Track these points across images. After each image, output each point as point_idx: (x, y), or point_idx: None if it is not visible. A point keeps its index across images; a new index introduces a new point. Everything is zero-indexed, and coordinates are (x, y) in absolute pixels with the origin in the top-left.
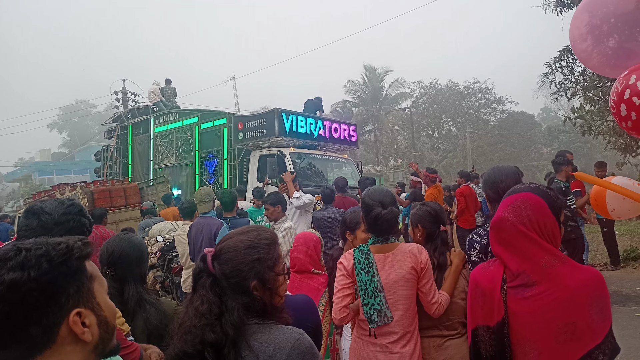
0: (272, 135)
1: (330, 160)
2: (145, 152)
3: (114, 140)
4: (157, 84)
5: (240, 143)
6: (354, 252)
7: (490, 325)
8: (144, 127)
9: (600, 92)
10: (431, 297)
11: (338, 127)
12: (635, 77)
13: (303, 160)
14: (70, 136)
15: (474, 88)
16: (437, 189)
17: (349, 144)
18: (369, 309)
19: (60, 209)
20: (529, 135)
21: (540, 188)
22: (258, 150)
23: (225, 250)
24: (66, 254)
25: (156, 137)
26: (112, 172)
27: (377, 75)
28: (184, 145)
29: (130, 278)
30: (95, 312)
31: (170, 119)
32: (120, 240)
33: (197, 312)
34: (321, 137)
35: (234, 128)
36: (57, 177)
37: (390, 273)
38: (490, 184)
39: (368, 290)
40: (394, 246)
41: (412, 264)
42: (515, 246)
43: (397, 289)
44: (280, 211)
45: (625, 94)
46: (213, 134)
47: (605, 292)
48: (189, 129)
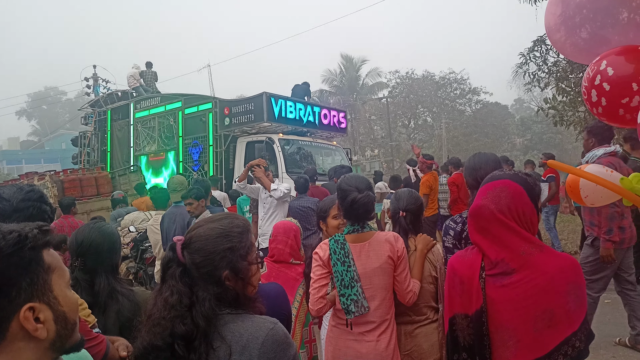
0: (260, 120)
1: (319, 147)
2: (125, 138)
3: (91, 127)
4: (136, 67)
5: (227, 129)
6: (329, 242)
7: (468, 314)
8: (124, 113)
9: (572, 83)
10: (406, 286)
11: (327, 114)
12: (606, 63)
13: (292, 147)
14: (40, 124)
15: (450, 78)
16: (433, 175)
17: (338, 131)
18: (345, 300)
19: (19, 195)
20: (503, 125)
21: (519, 175)
22: (245, 136)
23: (195, 239)
24: (17, 244)
25: (137, 122)
26: (89, 159)
27: (354, 64)
28: (167, 131)
29: (101, 269)
30: (51, 307)
31: (152, 103)
32: (90, 230)
33: (166, 303)
34: (310, 124)
35: (220, 113)
36: (26, 166)
37: (366, 263)
38: (469, 170)
39: (344, 280)
40: (370, 235)
41: (389, 253)
42: (494, 234)
43: (374, 279)
44: (203, 205)
45: (596, 79)
46: (198, 119)
47: (581, 279)
48: (172, 114)
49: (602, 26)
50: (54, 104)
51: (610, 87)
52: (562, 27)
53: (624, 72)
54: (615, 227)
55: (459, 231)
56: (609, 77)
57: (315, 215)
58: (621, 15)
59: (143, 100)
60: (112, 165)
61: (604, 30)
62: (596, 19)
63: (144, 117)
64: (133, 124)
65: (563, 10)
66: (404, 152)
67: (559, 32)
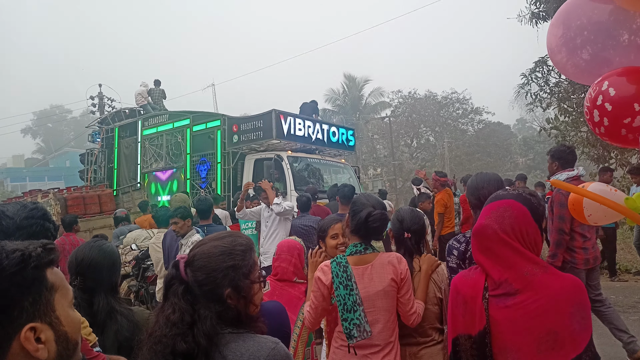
0: (269, 137)
1: (328, 164)
2: (133, 155)
3: (98, 144)
4: (144, 85)
5: (235, 146)
6: (331, 264)
7: (471, 335)
8: (132, 130)
9: (574, 104)
10: (410, 307)
11: (336, 131)
12: (607, 84)
13: (300, 164)
14: (45, 142)
15: (452, 98)
16: (447, 193)
17: (346, 149)
18: (348, 324)
19: (23, 213)
20: (505, 145)
21: (523, 195)
22: (253, 153)
23: (198, 257)
24: (20, 264)
25: (144, 140)
26: (96, 176)
27: (356, 84)
28: (175, 148)
29: (100, 288)
30: (53, 327)
31: (160, 121)
32: (90, 248)
33: (168, 321)
34: (319, 141)
35: (229, 130)
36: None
37: (369, 286)
38: (472, 189)
39: (347, 304)
40: (373, 257)
41: (392, 275)
42: (498, 254)
43: (377, 302)
44: (189, 225)
45: (598, 100)
46: (206, 136)
47: (586, 300)
48: (180, 132)
49: (603, 48)
50: (59, 122)
51: (612, 107)
52: (563, 49)
53: (625, 92)
54: (559, 252)
55: (462, 251)
56: (611, 98)
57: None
58: (622, 37)
59: (151, 117)
60: (118, 183)
61: (605, 52)
62: (597, 41)
63: (152, 134)
64: (141, 141)
65: (564, 32)
66: (406, 171)
67: (561, 54)
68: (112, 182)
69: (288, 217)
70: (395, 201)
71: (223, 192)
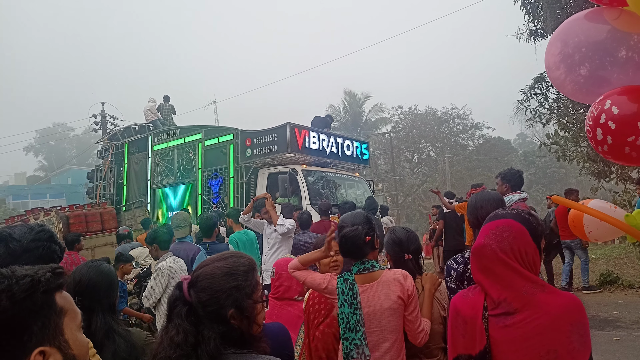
0: (284, 151)
1: (343, 178)
2: (143, 171)
3: (107, 160)
4: (153, 101)
5: (248, 160)
6: (337, 280)
7: (472, 355)
8: (142, 146)
9: (573, 119)
10: (418, 325)
11: (350, 145)
12: (610, 102)
13: (315, 178)
14: (47, 159)
15: (452, 114)
16: None
17: (361, 162)
18: (349, 344)
19: (30, 236)
20: (506, 160)
21: (521, 215)
22: (266, 168)
23: (202, 278)
24: (30, 289)
25: (155, 155)
26: (105, 193)
27: (357, 100)
28: (186, 163)
29: (98, 308)
30: (62, 351)
31: (170, 136)
32: (88, 269)
33: (172, 343)
34: (333, 155)
35: (242, 144)
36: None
37: (375, 303)
38: (470, 209)
39: (350, 323)
40: (379, 274)
41: (399, 292)
42: (496, 274)
43: (384, 320)
44: (157, 249)
45: (601, 118)
46: (218, 151)
47: (584, 318)
48: (191, 146)
49: (602, 65)
50: (62, 139)
51: (615, 125)
52: (561, 65)
53: (629, 110)
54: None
55: (461, 272)
56: (614, 116)
57: None
58: (619, 54)
59: (162, 132)
60: (127, 199)
61: (603, 69)
62: (595, 58)
63: (163, 149)
64: (151, 157)
65: (562, 49)
66: (407, 187)
67: (559, 70)
68: (121, 198)
69: (290, 235)
70: (397, 217)
71: (237, 206)
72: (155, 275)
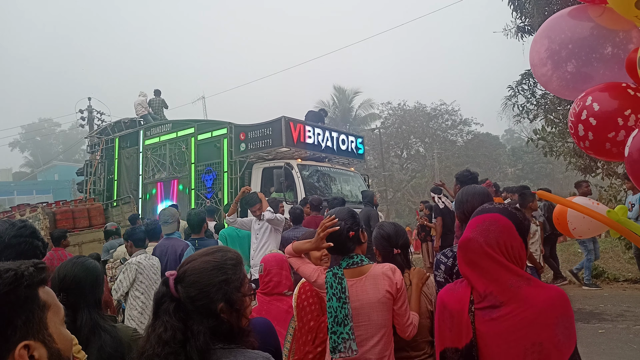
0: (279, 145)
1: (338, 173)
2: (134, 166)
3: (97, 155)
4: (143, 95)
5: (243, 154)
6: (326, 275)
7: (458, 348)
8: (133, 140)
9: (560, 115)
10: (406, 319)
11: (345, 139)
12: (591, 99)
13: (311, 173)
14: (33, 155)
15: (441, 110)
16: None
17: (356, 157)
18: (336, 338)
19: (11, 231)
20: (494, 155)
21: (508, 209)
22: (261, 162)
23: (190, 273)
24: (13, 283)
25: (146, 150)
26: (95, 188)
27: (346, 96)
28: (178, 158)
29: (83, 304)
30: (46, 345)
31: (162, 130)
32: (73, 265)
33: (160, 340)
34: (328, 149)
35: (235, 138)
36: (18, 197)
37: (364, 297)
38: (457, 204)
39: (338, 317)
40: (367, 268)
41: (387, 287)
42: (482, 267)
43: (372, 314)
44: (132, 246)
45: (582, 114)
46: (212, 145)
47: (569, 310)
48: (184, 141)
49: (588, 61)
50: (48, 135)
51: (596, 121)
52: (548, 62)
53: (609, 107)
54: None
55: (449, 266)
56: (595, 112)
57: None
58: (605, 50)
59: (153, 127)
60: (118, 194)
61: (588, 68)
62: (581, 54)
63: (154, 144)
64: (142, 151)
65: (549, 46)
66: (396, 182)
67: (546, 67)
68: (111, 193)
69: (278, 229)
70: (386, 212)
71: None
72: (124, 269)
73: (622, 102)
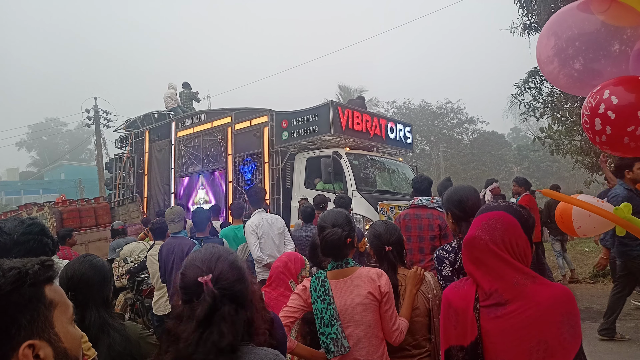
0: (326, 132)
1: (387, 163)
2: (166, 159)
3: (127, 149)
4: (172, 87)
5: (285, 143)
6: (311, 279)
7: (463, 346)
8: (164, 133)
9: (567, 113)
10: (392, 324)
11: (394, 127)
12: (609, 92)
13: (360, 162)
14: (40, 155)
15: (446, 108)
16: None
17: (404, 147)
18: (325, 339)
19: (20, 229)
20: (500, 154)
21: (513, 207)
22: (304, 152)
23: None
24: (17, 282)
25: (179, 142)
26: (125, 183)
27: (351, 94)
28: (214, 149)
29: (92, 303)
30: (52, 344)
31: (196, 121)
32: (81, 263)
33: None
34: (377, 137)
35: (277, 127)
36: (25, 196)
37: (347, 299)
38: (455, 202)
39: (324, 319)
40: (352, 271)
41: (370, 289)
42: (488, 265)
43: (356, 315)
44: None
45: (599, 108)
46: (250, 134)
47: (575, 309)
48: (219, 131)
49: (595, 58)
50: (54, 135)
51: (615, 115)
52: (555, 59)
53: (628, 100)
54: None
55: (452, 260)
56: (614, 106)
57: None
58: (613, 47)
59: (186, 118)
60: (149, 189)
61: (597, 62)
62: (589, 51)
63: (187, 135)
64: (174, 144)
65: (556, 43)
66: None
67: (553, 64)
68: (141, 189)
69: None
70: None
71: (272, 194)
72: None
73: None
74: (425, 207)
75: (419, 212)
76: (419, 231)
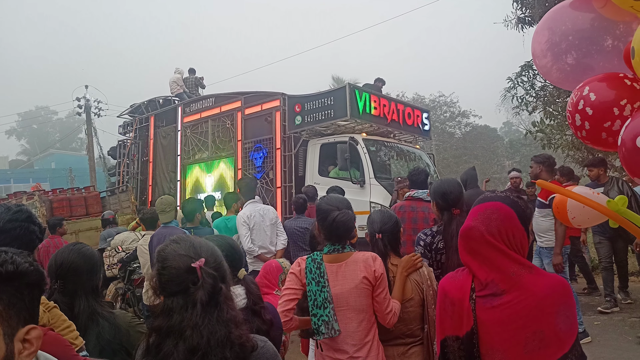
0: (342, 116)
1: (404, 150)
2: (172, 146)
3: (131, 136)
4: (179, 72)
5: (298, 128)
6: (306, 259)
7: (459, 336)
8: (170, 118)
9: (559, 107)
10: (386, 306)
11: (411, 113)
12: (588, 89)
13: (378, 149)
14: (30, 143)
15: (440, 101)
16: None
17: (421, 134)
18: (317, 320)
19: (6, 216)
20: (492, 148)
21: (510, 198)
22: (317, 138)
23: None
24: None
25: (185, 128)
26: (129, 170)
27: None
28: (222, 135)
29: (81, 291)
30: None
31: (204, 106)
32: (70, 252)
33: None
34: (394, 123)
35: (290, 111)
36: (15, 185)
37: (342, 283)
38: (440, 194)
39: (317, 300)
40: (348, 255)
41: (365, 273)
42: (484, 256)
43: (350, 300)
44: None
45: (579, 104)
46: (262, 119)
47: (571, 299)
48: (228, 116)
49: (588, 53)
50: (45, 123)
51: (592, 111)
52: (548, 53)
53: (605, 97)
54: None
55: (428, 242)
56: (592, 102)
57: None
58: (605, 43)
59: (193, 102)
60: (154, 176)
61: (589, 57)
62: (581, 46)
63: (194, 121)
64: (181, 130)
65: (549, 37)
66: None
67: (546, 58)
68: (146, 176)
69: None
70: None
71: (284, 182)
72: None
73: (619, 92)
74: (421, 200)
75: (415, 204)
76: (413, 224)
